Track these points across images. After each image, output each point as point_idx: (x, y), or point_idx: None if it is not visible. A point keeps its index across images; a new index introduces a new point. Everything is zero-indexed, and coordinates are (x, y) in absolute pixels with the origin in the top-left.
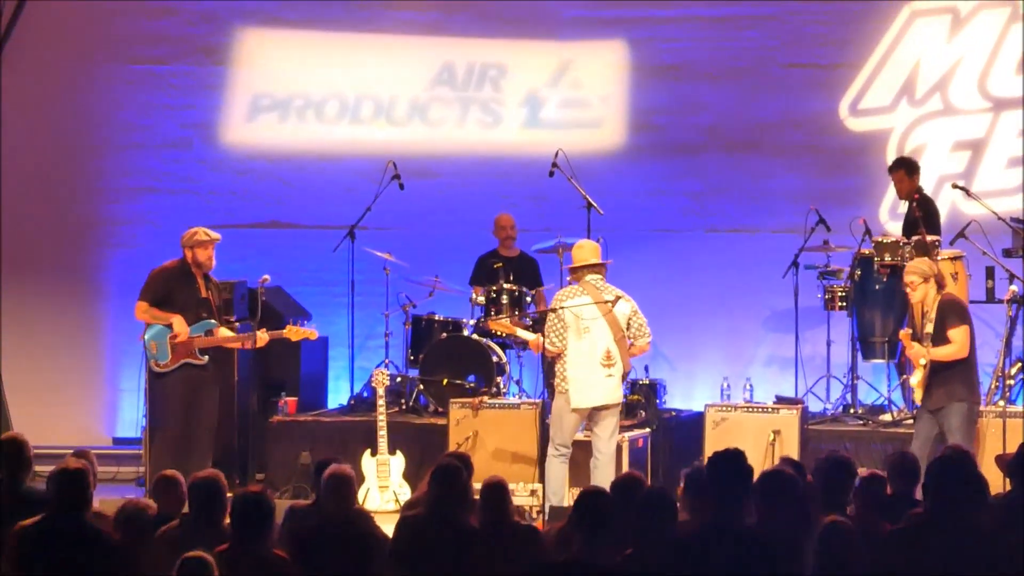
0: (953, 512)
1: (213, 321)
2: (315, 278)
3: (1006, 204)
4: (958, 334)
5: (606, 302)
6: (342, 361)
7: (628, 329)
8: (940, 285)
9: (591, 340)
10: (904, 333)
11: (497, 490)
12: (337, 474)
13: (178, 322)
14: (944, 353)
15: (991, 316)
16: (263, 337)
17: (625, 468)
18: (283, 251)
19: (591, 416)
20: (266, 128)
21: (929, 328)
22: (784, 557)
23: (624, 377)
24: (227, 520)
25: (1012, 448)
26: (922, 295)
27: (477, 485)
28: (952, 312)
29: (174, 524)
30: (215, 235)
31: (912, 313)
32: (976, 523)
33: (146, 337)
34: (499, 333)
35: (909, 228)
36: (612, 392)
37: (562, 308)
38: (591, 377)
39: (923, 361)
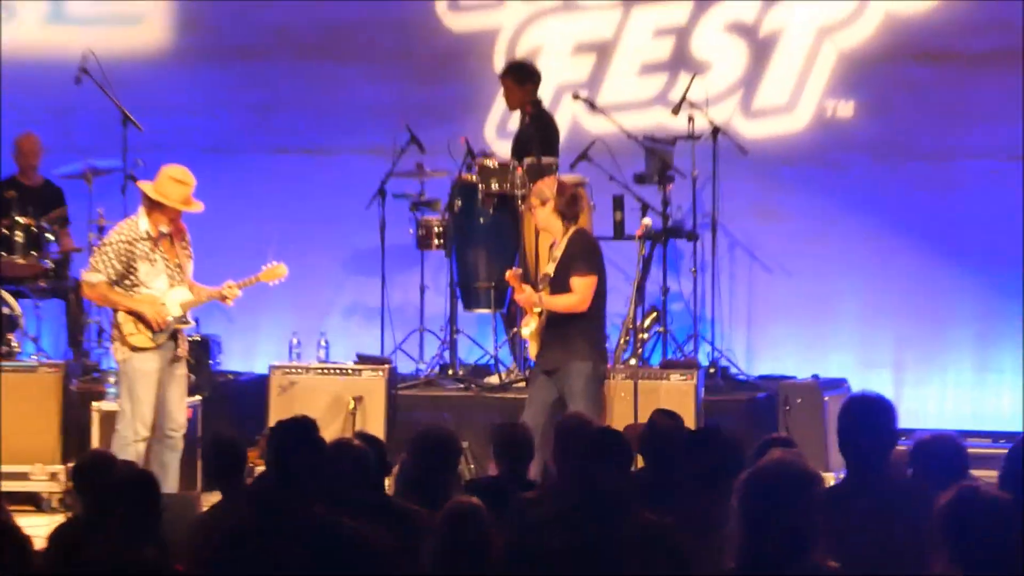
0: (583, 481)
1: None
2: None
3: (638, 119)
4: (582, 284)
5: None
6: None
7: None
8: (565, 215)
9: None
10: (513, 273)
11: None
12: None
13: None
14: (560, 304)
15: (620, 256)
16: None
17: None
18: None
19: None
20: None
21: (550, 268)
22: None
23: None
24: None
25: (645, 417)
26: (545, 222)
27: None
28: (581, 257)
29: None
30: None
31: (524, 250)
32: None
33: None
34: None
35: (521, 148)
36: (184, 347)
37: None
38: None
39: (538, 309)
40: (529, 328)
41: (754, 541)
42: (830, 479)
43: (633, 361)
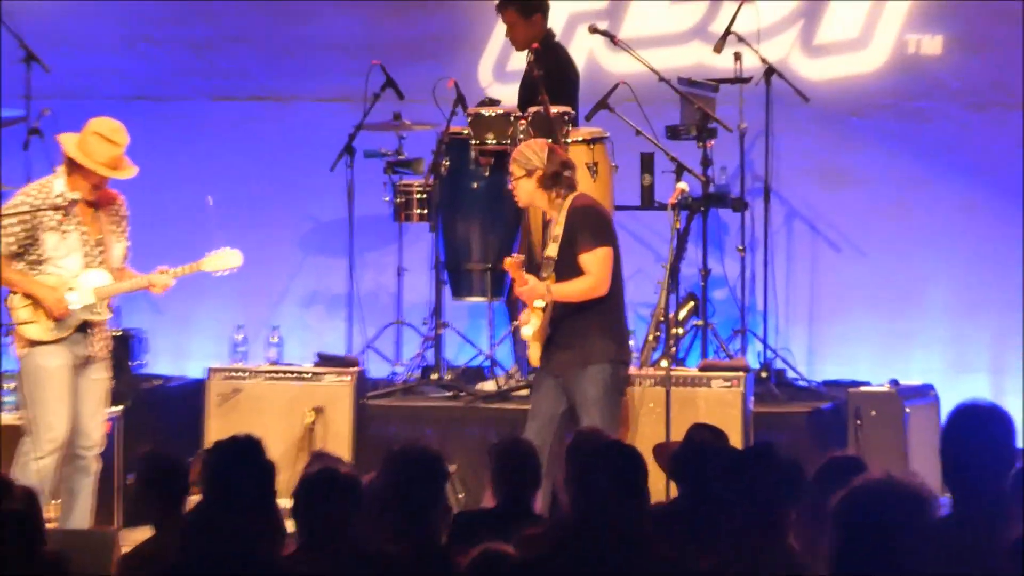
0: (601, 518)
1: None
2: None
3: (671, 57)
4: (594, 260)
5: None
6: None
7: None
8: (552, 186)
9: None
10: (513, 261)
11: None
12: None
13: None
14: (573, 290)
15: (648, 230)
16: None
17: None
18: None
19: None
20: None
21: (552, 251)
22: None
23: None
24: None
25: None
26: (528, 198)
27: None
28: (587, 226)
29: None
30: None
31: (529, 226)
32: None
33: None
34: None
35: (527, 94)
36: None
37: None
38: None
39: (541, 303)
40: (531, 328)
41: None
42: None
43: (664, 363)
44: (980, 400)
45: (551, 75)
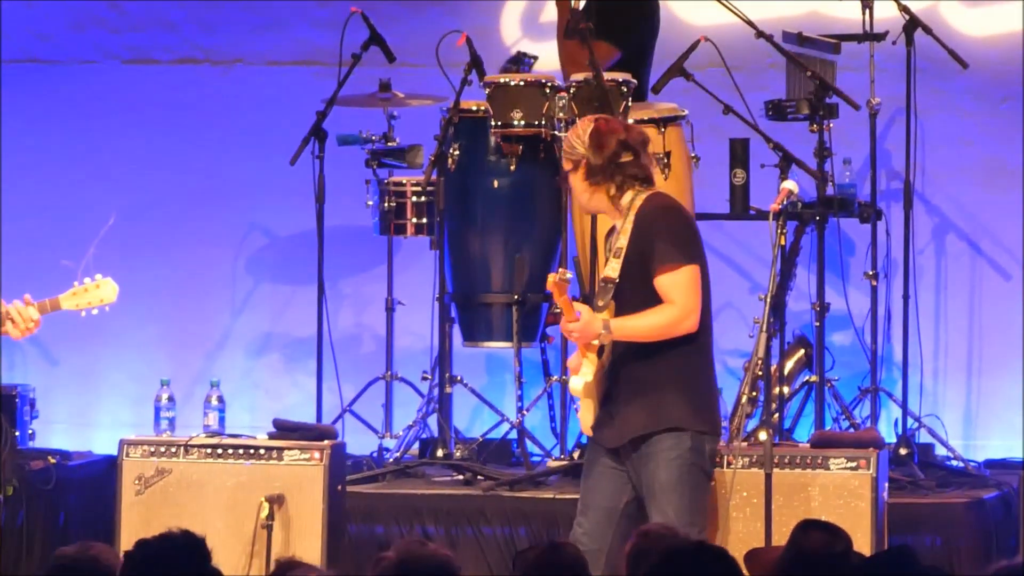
0: None
1: None
2: None
3: (775, 5)
4: (677, 283)
5: None
6: None
7: None
8: (618, 173)
9: None
10: (558, 279)
11: None
12: None
13: None
14: (645, 327)
15: (739, 247)
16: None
17: None
18: None
19: None
20: None
21: (613, 270)
22: None
23: None
24: None
25: (785, 533)
26: (585, 201)
27: None
28: (667, 236)
29: None
30: None
31: (578, 238)
32: None
33: None
34: None
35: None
36: None
37: None
38: None
39: (597, 341)
40: (582, 379)
41: None
42: None
43: (764, 435)
44: None
45: (602, 23)
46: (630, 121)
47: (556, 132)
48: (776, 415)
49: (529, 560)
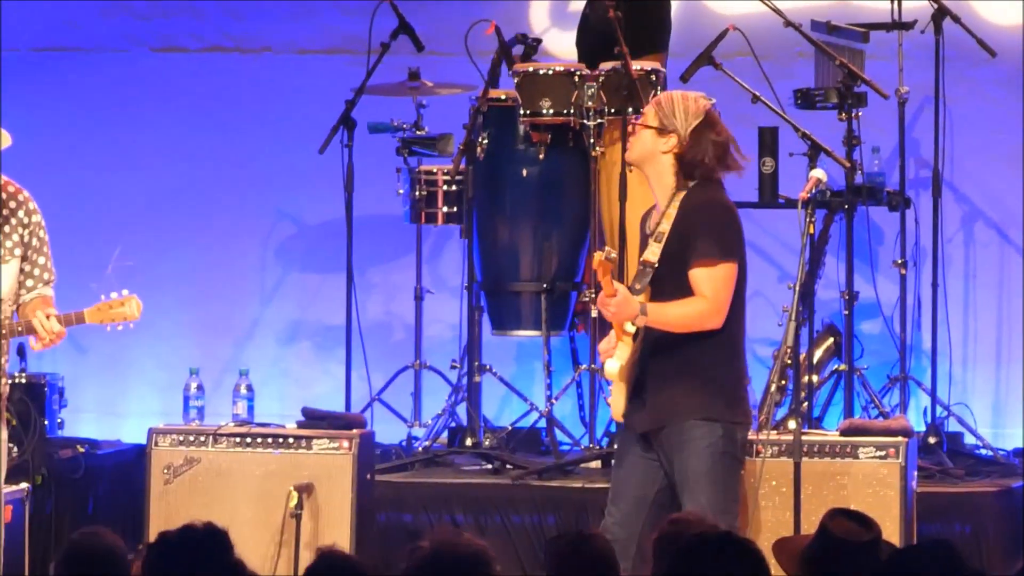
0: None
1: None
2: None
3: None
4: (711, 278)
5: None
6: None
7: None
8: (698, 165)
9: None
10: (603, 258)
11: None
12: None
13: None
14: (677, 316)
15: (767, 236)
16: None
17: None
18: None
19: None
20: None
21: (653, 254)
22: None
23: None
24: None
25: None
26: (641, 157)
27: None
28: (710, 230)
29: None
30: None
31: (605, 224)
32: None
33: None
34: None
35: (595, 40)
36: None
37: None
38: None
39: (631, 326)
40: (617, 361)
41: None
42: None
43: (793, 424)
44: None
45: (632, 13)
46: None
47: (584, 120)
48: (805, 404)
49: (560, 548)
